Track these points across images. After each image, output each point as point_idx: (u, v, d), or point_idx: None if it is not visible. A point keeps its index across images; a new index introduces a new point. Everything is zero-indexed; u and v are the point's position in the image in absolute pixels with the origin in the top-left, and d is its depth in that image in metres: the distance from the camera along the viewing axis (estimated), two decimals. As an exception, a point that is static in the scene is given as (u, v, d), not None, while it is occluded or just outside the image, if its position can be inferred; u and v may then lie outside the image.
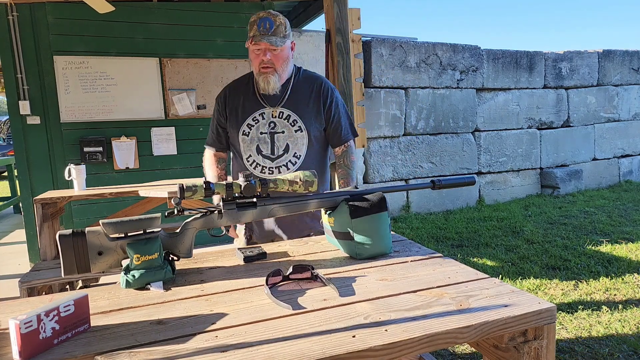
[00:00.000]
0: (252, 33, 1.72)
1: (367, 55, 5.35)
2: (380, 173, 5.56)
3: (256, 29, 1.71)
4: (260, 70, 1.76)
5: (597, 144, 7.04)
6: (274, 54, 1.74)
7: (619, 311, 2.77)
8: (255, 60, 1.76)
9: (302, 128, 1.82)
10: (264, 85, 1.76)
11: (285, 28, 1.75)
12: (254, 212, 1.25)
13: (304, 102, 1.84)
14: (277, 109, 1.82)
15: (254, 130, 1.82)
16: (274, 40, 1.70)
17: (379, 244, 1.26)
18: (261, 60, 1.74)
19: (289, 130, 1.81)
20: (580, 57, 6.71)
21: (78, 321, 0.87)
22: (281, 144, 1.81)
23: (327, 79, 1.95)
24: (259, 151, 1.82)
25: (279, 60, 1.76)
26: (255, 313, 0.93)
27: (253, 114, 1.83)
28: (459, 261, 2.57)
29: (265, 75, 1.75)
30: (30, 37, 3.98)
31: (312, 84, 1.87)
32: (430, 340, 0.82)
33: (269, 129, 1.81)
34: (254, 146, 1.82)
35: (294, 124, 1.81)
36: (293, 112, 1.82)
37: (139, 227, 1.11)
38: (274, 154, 1.81)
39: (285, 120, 1.82)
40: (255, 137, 1.82)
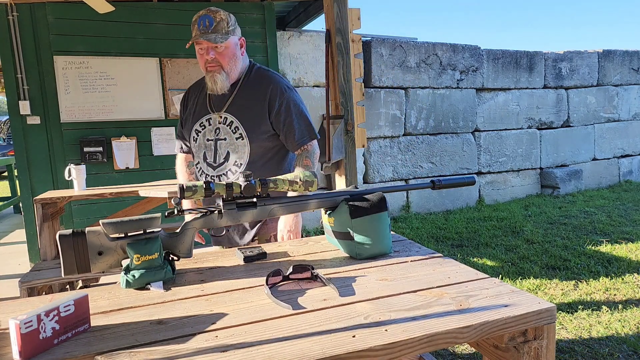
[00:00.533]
0: (193, 33, 1.66)
1: (367, 55, 5.35)
2: (380, 173, 5.56)
3: (197, 29, 1.64)
4: (206, 70, 1.70)
5: (597, 144, 7.04)
6: (218, 52, 1.67)
7: (619, 311, 2.77)
8: (200, 60, 1.70)
9: (243, 135, 1.73)
10: (211, 84, 1.70)
11: (228, 24, 1.67)
12: (254, 212, 1.25)
13: (248, 107, 1.74)
14: (222, 114, 1.75)
15: (201, 136, 1.77)
16: (214, 37, 1.63)
17: (379, 244, 1.26)
18: (205, 59, 1.67)
19: (230, 138, 1.73)
20: (580, 57, 6.71)
21: (78, 321, 0.87)
22: (222, 151, 1.74)
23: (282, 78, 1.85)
24: (204, 158, 1.77)
25: (224, 58, 1.68)
26: (255, 313, 0.93)
27: (200, 119, 1.78)
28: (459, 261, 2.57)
29: (212, 74, 1.68)
30: (30, 37, 3.98)
31: (261, 85, 1.77)
32: (430, 340, 0.82)
33: (214, 136, 1.75)
34: (201, 153, 1.78)
35: (235, 130, 1.73)
36: (236, 118, 1.73)
37: (139, 227, 1.11)
38: (215, 161, 1.75)
39: (228, 126, 1.74)
40: (202, 143, 1.77)
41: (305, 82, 5.14)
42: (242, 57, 1.76)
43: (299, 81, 5.12)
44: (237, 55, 1.72)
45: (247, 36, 4.74)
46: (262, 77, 1.78)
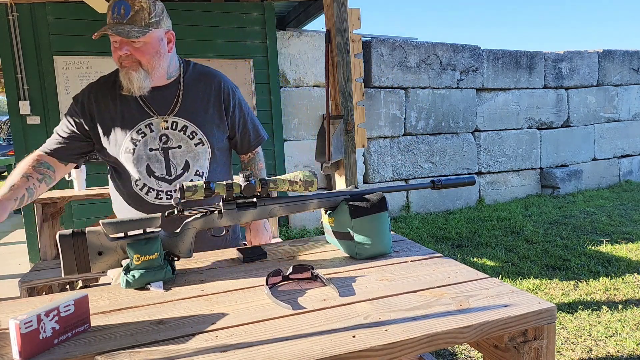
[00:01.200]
0: (107, 21, 1.39)
1: (367, 55, 5.35)
2: (380, 173, 5.56)
3: (110, 16, 1.37)
4: (121, 66, 1.41)
5: (597, 144, 7.04)
6: (135, 47, 1.38)
7: (619, 311, 2.77)
8: (114, 54, 1.41)
9: (204, 140, 1.50)
10: (126, 83, 1.41)
11: (150, 14, 1.37)
12: (254, 212, 1.25)
13: (202, 109, 1.52)
14: (169, 119, 1.47)
15: (140, 146, 1.44)
16: (127, 31, 1.33)
17: (379, 244, 1.26)
18: (119, 55, 1.39)
19: (188, 145, 1.48)
20: (580, 57, 6.71)
21: (78, 321, 0.87)
22: (178, 161, 1.48)
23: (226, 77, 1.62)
24: (151, 172, 1.46)
25: (143, 55, 1.39)
26: (255, 313, 0.93)
27: (137, 125, 1.45)
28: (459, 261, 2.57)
29: (126, 72, 1.39)
30: (30, 37, 3.98)
31: (209, 84, 1.55)
32: (430, 340, 0.82)
33: (160, 144, 1.46)
34: (142, 166, 1.45)
35: (193, 136, 1.49)
36: (190, 122, 1.49)
37: (139, 227, 1.11)
38: (170, 174, 1.47)
39: (181, 132, 1.48)
40: (142, 155, 1.45)
41: (305, 82, 5.14)
42: (169, 54, 1.47)
43: (299, 81, 5.12)
44: (161, 52, 1.43)
45: (247, 36, 4.78)
46: (207, 75, 1.57)
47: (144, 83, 1.41)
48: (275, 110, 4.89)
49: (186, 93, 1.51)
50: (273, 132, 4.89)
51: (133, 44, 1.38)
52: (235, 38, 4.62)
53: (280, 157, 4.95)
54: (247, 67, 4.69)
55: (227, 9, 4.60)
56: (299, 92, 5.11)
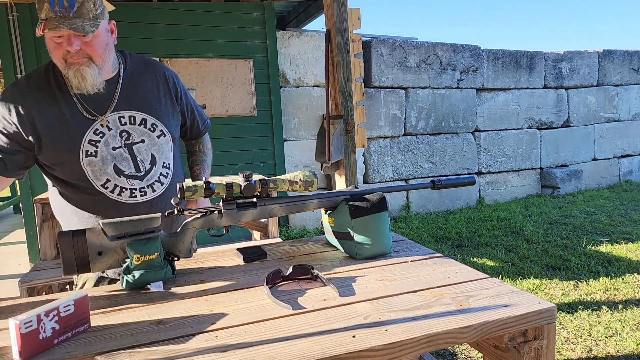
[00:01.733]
0: (43, 14, 1.22)
1: (367, 55, 5.35)
2: (380, 173, 5.56)
3: (48, 9, 1.21)
4: (67, 63, 1.28)
5: (597, 144, 7.04)
6: (84, 41, 1.27)
7: (619, 311, 2.77)
8: (57, 51, 1.28)
9: (164, 131, 1.44)
10: (77, 81, 1.28)
11: (95, 4, 1.27)
12: (254, 212, 1.25)
13: (155, 100, 1.45)
14: (124, 113, 1.38)
15: (101, 146, 1.34)
16: (80, 25, 1.22)
17: (379, 244, 1.26)
18: (65, 51, 1.26)
19: (150, 138, 1.41)
20: (580, 57, 6.71)
21: (78, 321, 0.87)
22: (144, 156, 1.40)
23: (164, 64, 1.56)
24: (120, 172, 1.36)
25: (94, 48, 1.29)
26: (255, 313, 0.93)
27: (92, 125, 1.34)
28: (459, 261, 2.57)
29: (77, 68, 1.27)
30: (30, 37, 3.98)
31: (154, 73, 1.48)
32: (430, 340, 0.82)
33: (122, 141, 1.37)
34: (109, 167, 1.35)
35: (154, 128, 1.42)
36: (147, 114, 1.41)
37: (139, 227, 1.11)
38: (140, 170, 1.39)
39: (140, 126, 1.40)
40: (107, 155, 1.35)
41: (305, 82, 5.15)
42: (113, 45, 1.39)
43: (299, 81, 5.12)
44: (110, 45, 1.35)
45: (247, 36, 4.78)
46: (150, 65, 1.50)
47: (98, 79, 1.31)
48: (275, 110, 4.89)
49: (133, 85, 1.42)
50: (273, 132, 4.89)
51: (83, 38, 1.26)
52: (235, 38, 4.63)
53: (280, 157, 4.95)
54: (247, 67, 4.69)
55: (227, 9, 4.60)
56: (299, 92, 5.12)
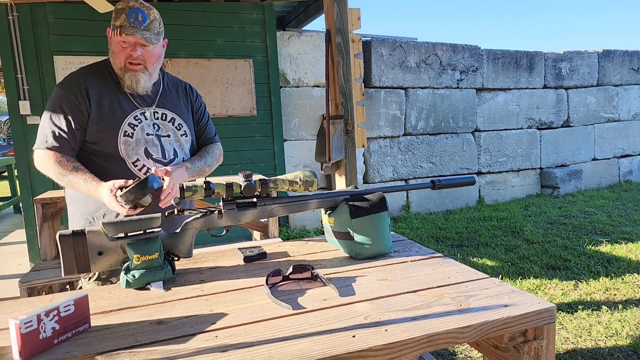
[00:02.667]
0: (118, 22, 1.48)
1: (367, 55, 5.35)
2: (380, 173, 5.56)
3: (125, 19, 1.47)
4: (126, 66, 1.53)
5: (597, 144, 7.04)
6: (146, 50, 1.53)
7: (619, 311, 2.77)
8: (121, 54, 1.52)
9: (187, 132, 1.68)
10: (131, 83, 1.54)
11: (160, 24, 1.56)
12: (254, 212, 1.25)
13: (182, 106, 1.71)
14: (159, 110, 1.63)
15: (138, 130, 1.56)
16: (149, 36, 1.50)
17: (379, 244, 1.26)
18: (129, 54, 1.51)
19: (175, 134, 1.64)
20: (580, 57, 6.72)
21: (78, 321, 0.87)
22: (169, 148, 1.61)
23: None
24: (149, 154, 1.57)
25: (151, 58, 1.55)
26: (255, 313, 0.93)
27: (133, 112, 1.58)
28: (459, 261, 2.57)
29: (134, 73, 1.53)
30: (30, 37, 3.98)
31: (181, 88, 1.76)
32: (430, 340, 0.82)
33: (154, 131, 1.59)
34: (141, 149, 1.56)
35: (180, 127, 1.65)
36: (177, 115, 1.66)
37: (139, 227, 1.11)
38: (165, 157, 1.60)
39: (169, 123, 1.64)
40: (141, 138, 1.56)
41: (305, 82, 5.15)
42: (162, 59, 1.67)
43: (299, 81, 5.12)
44: (161, 58, 1.63)
45: (247, 36, 4.78)
46: (178, 81, 1.78)
47: (148, 84, 1.58)
48: (275, 110, 4.89)
49: (169, 92, 1.68)
50: (273, 132, 4.89)
51: (145, 47, 1.52)
52: (235, 38, 4.62)
53: (280, 157, 4.95)
54: (247, 67, 4.69)
55: (227, 9, 4.60)
56: (299, 92, 5.11)
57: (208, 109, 1.88)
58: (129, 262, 1.09)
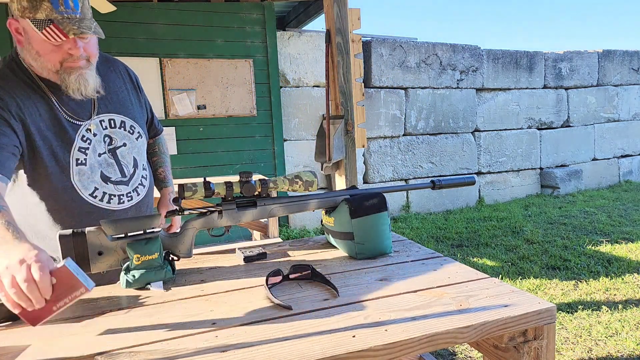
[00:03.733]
0: (42, 14, 1.12)
1: (367, 55, 5.35)
2: (380, 173, 5.56)
3: (51, 9, 1.12)
4: (64, 67, 1.19)
5: (597, 144, 7.04)
6: (85, 42, 1.21)
7: (619, 311, 2.77)
8: (54, 54, 1.17)
9: (141, 133, 1.41)
10: (78, 86, 1.21)
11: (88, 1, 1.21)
12: (254, 211, 1.25)
13: (127, 99, 1.40)
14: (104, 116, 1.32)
15: (90, 154, 1.28)
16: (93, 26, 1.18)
17: (379, 244, 1.26)
18: (66, 54, 1.18)
19: (130, 140, 1.37)
20: (580, 57, 6.71)
21: (69, 288, 0.84)
22: (128, 160, 1.36)
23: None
24: (106, 179, 1.31)
25: (92, 50, 1.24)
26: (255, 313, 0.93)
27: (79, 131, 1.26)
28: (459, 261, 2.57)
29: (80, 73, 1.20)
30: (30, 37, 3.98)
31: (117, 71, 1.41)
32: (430, 340, 0.82)
33: (106, 147, 1.32)
34: (96, 175, 1.29)
35: (132, 130, 1.38)
36: (126, 115, 1.37)
37: (139, 227, 1.11)
38: (125, 175, 1.35)
39: (121, 129, 1.35)
40: (94, 163, 1.28)
41: (305, 82, 5.15)
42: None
43: (299, 81, 5.12)
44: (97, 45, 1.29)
45: (247, 36, 4.78)
46: (109, 61, 1.41)
47: (97, 81, 1.27)
48: (275, 110, 4.89)
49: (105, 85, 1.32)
50: (273, 132, 4.89)
51: (83, 39, 1.20)
52: (235, 38, 4.63)
53: (280, 157, 4.95)
54: (247, 67, 4.69)
55: (227, 9, 4.60)
56: (299, 92, 5.12)
57: (208, 109, 1.79)
58: (129, 262, 1.09)
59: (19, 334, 0.89)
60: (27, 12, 1.13)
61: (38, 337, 0.87)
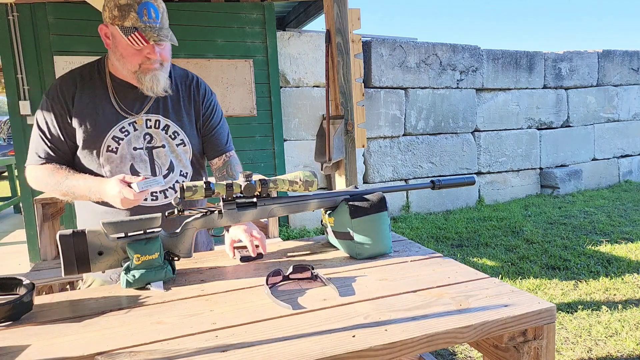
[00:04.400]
0: (129, 23, 1.30)
1: (367, 56, 5.36)
2: (380, 173, 5.56)
3: (137, 18, 1.30)
4: (142, 68, 1.37)
5: (596, 144, 7.04)
6: (161, 48, 1.39)
7: (619, 311, 2.77)
8: (135, 57, 1.35)
9: (185, 142, 1.49)
10: (152, 85, 1.38)
11: (166, 12, 1.40)
12: (254, 212, 1.25)
13: (182, 109, 1.50)
14: (152, 117, 1.44)
15: (123, 145, 1.40)
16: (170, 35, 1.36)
17: (379, 244, 1.26)
18: (145, 58, 1.36)
19: (170, 145, 1.46)
20: (580, 57, 6.71)
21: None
22: (163, 161, 1.45)
23: (201, 79, 1.63)
24: (135, 172, 1.41)
25: (166, 54, 1.41)
26: (255, 313, 0.93)
27: (120, 123, 1.40)
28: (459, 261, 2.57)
29: (154, 74, 1.38)
30: (30, 37, 3.98)
31: (187, 85, 1.54)
32: (430, 340, 0.82)
33: (144, 143, 1.43)
34: (126, 166, 1.40)
35: (175, 136, 1.47)
36: (172, 121, 1.47)
37: (139, 227, 1.11)
38: (155, 174, 1.45)
39: (163, 131, 1.45)
40: (126, 154, 1.40)
41: (305, 82, 5.15)
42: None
43: (299, 81, 5.12)
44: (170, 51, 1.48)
45: (247, 36, 4.78)
46: (185, 76, 1.56)
47: (168, 82, 1.44)
48: (275, 110, 4.89)
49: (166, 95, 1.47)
50: (273, 132, 4.89)
51: (160, 46, 1.38)
52: (235, 38, 4.63)
53: (280, 157, 4.95)
54: (247, 67, 4.69)
55: (227, 9, 4.60)
56: (299, 92, 5.12)
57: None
58: (129, 262, 1.09)
59: (19, 334, 0.89)
60: (116, 20, 1.32)
61: (38, 337, 0.87)
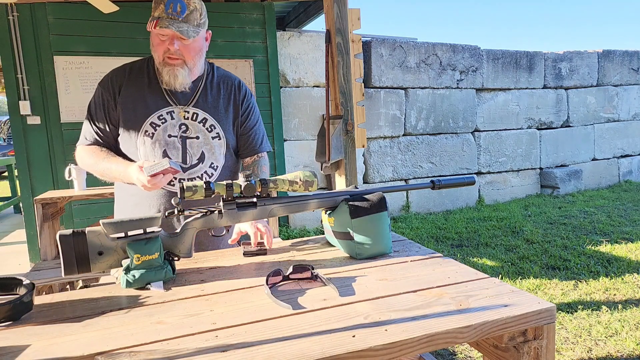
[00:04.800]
0: (157, 13, 1.41)
1: (367, 56, 5.36)
2: (380, 173, 5.56)
3: (162, 10, 1.40)
4: (164, 61, 1.47)
5: (596, 144, 7.04)
6: (184, 44, 1.45)
7: (618, 311, 2.77)
8: (159, 47, 1.46)
9: (221, 135, 1.57)
10: (169, 79, 1.47)
11: (201, 15, 1.47)
12: (254, 212, 1.25)
13: (221, 106, 1.59)
14: (190, 109, 1.54)
15: (159, 131, 1.50)
16: (185, 29, 1.41)
17: (379, 244, 1.26)
18: (166, 48, 1.45)
19: (205, 137, 1.54)
20: (580, 57, 6.72)
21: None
22: (195, 151, 1.53)
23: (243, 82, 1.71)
24: (167, 158, 1.50)
25: (189, 52, 1.48)
26: (255, 313, 0.93)
27: (159, 111, 1.51)
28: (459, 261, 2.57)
29: (172, 68, 1.46)
30: (30, 37, 3.98)
31: (229, 85, 1.63)
32: (430, 340, 0.82)
33: (179, 132, 1.52)
34: (159, 151, 1.50)
35: (211, 129, 1.55)
36: (210, 115, 1.56)
37: (139, 227, 1.11)
38: (186, 162, 1.52)
39: (200, 123, 1.54)
40: (161, 139, 1.50)
41: (305, 82, 5.15)
42: (205, 53, 1.59)
43: (299, 81, 5.12)
44: (203, 51, 1.55)
45: (247, 36, 4.78)
46: (227, 77, 1.66)
47: (187, 80, 1.50)
48: (275, 110, 4.89)
49: (206, 89, 1.58)
50: (273, 132, 4.89)
51: (183, 41, 1.44)
52: (235, 38, 4.62)
53: (280, 157, 4.95)
54: (247, 67, 4.69)
55: (227, 9, 4.60)
56: (299, 92, 5.12)
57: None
58: (129, 262, 1.09)
59: (19, 334, 0.89)
60: (152, 11, 1.43)
61: (38, 337, 0.87)
